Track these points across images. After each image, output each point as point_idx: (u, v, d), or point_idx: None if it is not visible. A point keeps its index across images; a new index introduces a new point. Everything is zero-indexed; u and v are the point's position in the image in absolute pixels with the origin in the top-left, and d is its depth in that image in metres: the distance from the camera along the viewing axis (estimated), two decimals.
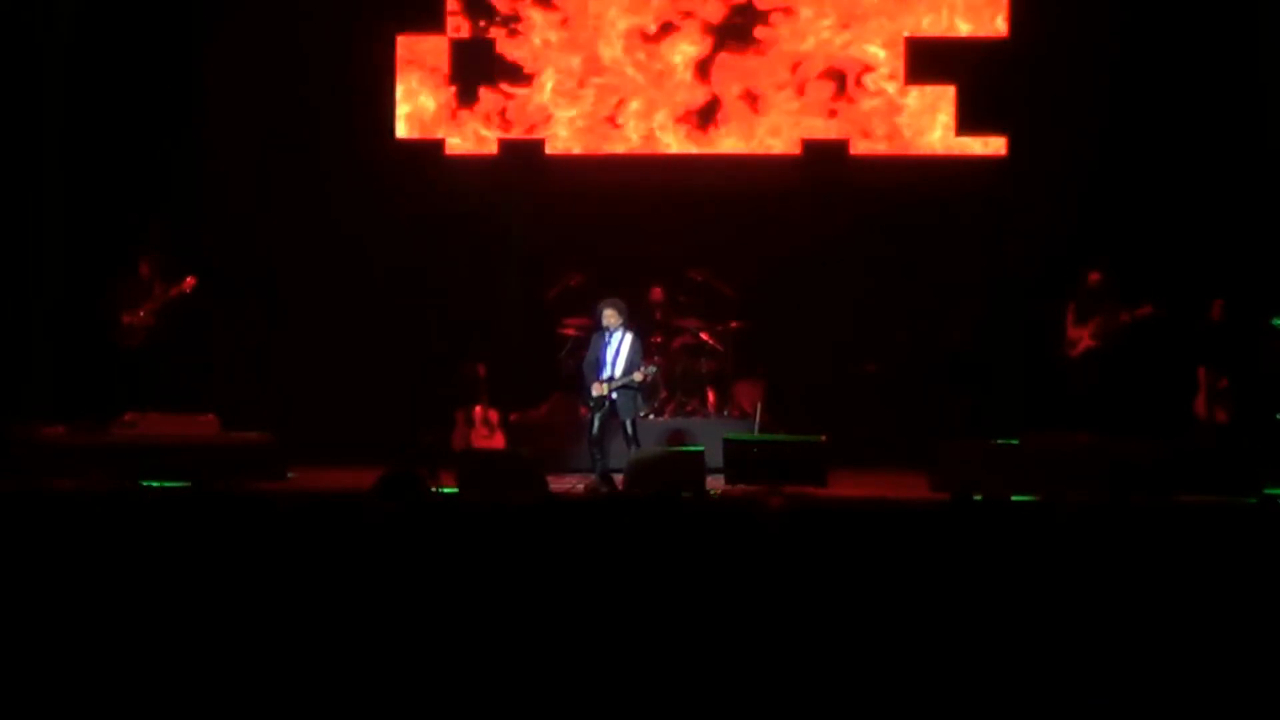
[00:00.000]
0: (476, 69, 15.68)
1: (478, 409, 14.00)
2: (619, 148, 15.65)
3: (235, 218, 15.41)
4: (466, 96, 15.73)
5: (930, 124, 15.35)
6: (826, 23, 15.49)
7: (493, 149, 15.75)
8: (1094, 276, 13.69)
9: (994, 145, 15.30)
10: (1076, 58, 14.98)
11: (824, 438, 13.07)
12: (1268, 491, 11.95)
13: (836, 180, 15.38)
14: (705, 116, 15.58)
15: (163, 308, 13.98)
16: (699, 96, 15.58)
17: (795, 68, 15.52)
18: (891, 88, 15.42)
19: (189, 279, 13.94)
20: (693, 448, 13.16)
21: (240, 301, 15.20)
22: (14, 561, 6.69)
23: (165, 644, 5.88)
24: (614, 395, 12.66)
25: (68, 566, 6.55)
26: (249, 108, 15.54)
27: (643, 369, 12.74)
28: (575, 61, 15.66)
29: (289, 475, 13.21)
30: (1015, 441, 13.09)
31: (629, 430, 12.81)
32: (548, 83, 15.67)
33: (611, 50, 15.64)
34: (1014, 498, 8.01)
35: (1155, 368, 13.89)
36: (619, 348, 12.73)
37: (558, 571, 6.28)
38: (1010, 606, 6.07)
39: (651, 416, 14.38)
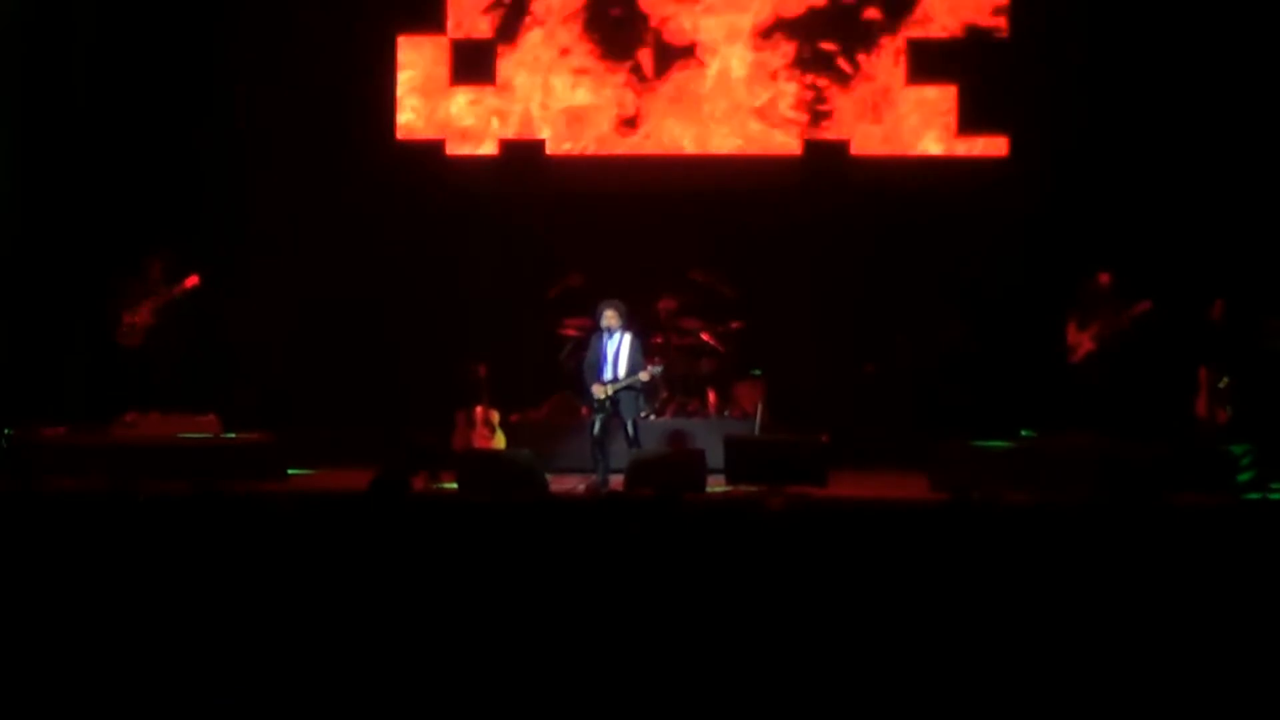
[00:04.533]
0: (477, 69, 15.69)
1: (478, 409, 13.98)
2: (619, 148, 15.65)
3: (235, 218, 15.41)
4: (467, 97, 15.75)
5: (931, 124, 15.36)
6: (828, 21, 15.50)
7: (493, 149, 15.76)
8: (1103, 278, 13.66)
9: (995, 145, 15.31)
10: (1078, 57, 14.98)
11: (825, 437, 13.09)
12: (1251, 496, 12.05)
13: (837, 180, 15.39)
14: (706, 115, 15.59)
15: (164, 306, 13.99)
16: (699, 95, 15.58)
17: (796, 66, 15.52)
18: (892, 87, 15.43)
19: (191, 277, 13.95)
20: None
21: (241, 302, 15.20)
22: (14, 562, 6.71)
23: (167, 645, 5.89)
24: (616, 395, 12.69)
25: (68, 567, 6.56)
26: (248, 109, 15.55)
27: (649, 368, 12.78)
28: (576, 61, 15.67)
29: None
30: (1013, 443, 13.10)
31: (630, 430, 12.84)
32: (548, 82, 15.68)
33: (612, 49, 15.65)
34: (1013, 498, 8.03)
35: (1155, 368, 13.88)
36: (619, 348, 12.76)
37: (558, 572, 6.29)
38: (1010, 607, 6.07)
39: (652, 417, 14.39)
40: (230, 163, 15.46)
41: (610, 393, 12.68)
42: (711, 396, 15.10)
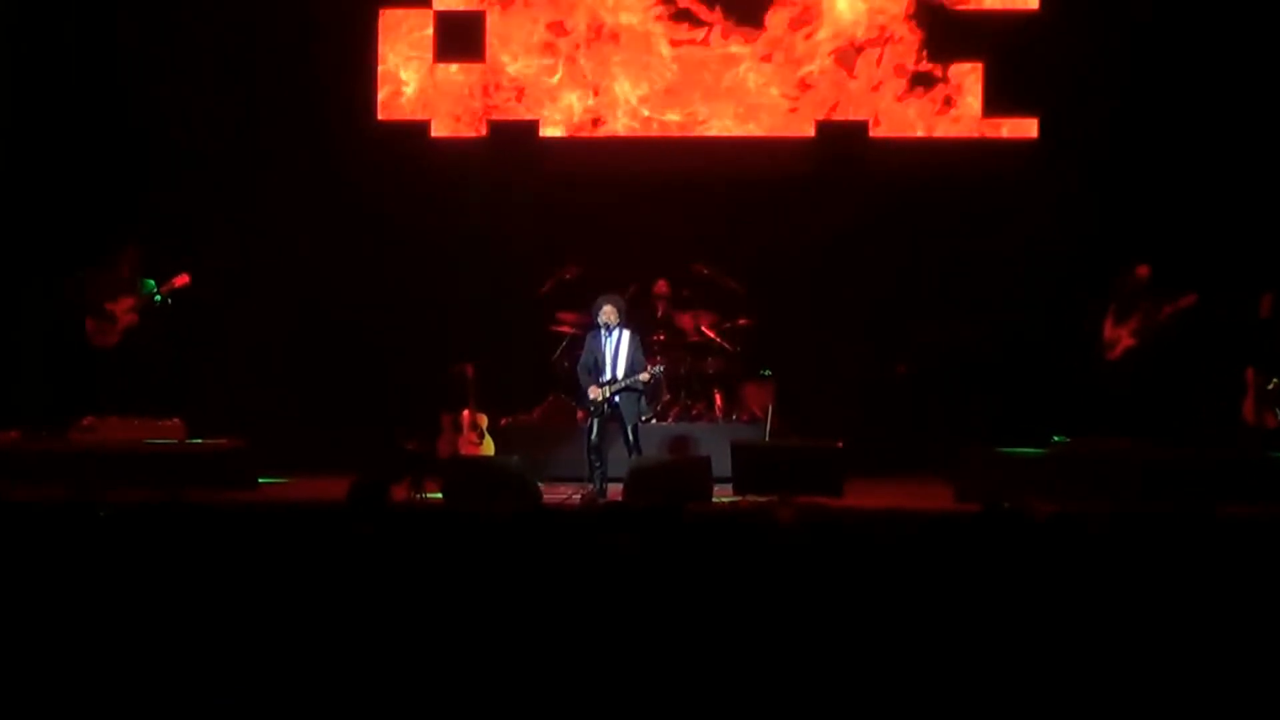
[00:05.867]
0: (465, 44, 15.67)
1: (466, 413, 14.01)
2: (618, 129, 15.63)
3: (206, 208, 15.38)
4: (454, 74, 15.72)
5: (956, 104, 15.34)
6: None
7: (482, 131, 15.75)
8: (1142, 271, 13.65)
9: (1024, 127, 15.30)
10: (1112, 32, 14.98)
11: (840, 443, 13.06)
12: None
13: (855, 165, 15.39)
14: (713, 94, 15.56)
15: (147, 306, 13.93)
16: (706, 72, 15.56)
17: (811, 41, 15.51)
18: (915, 65, 15.41)
19: (181, 276, 13.89)
20: None
21: (210, 299, 15.17)
22: None
23: (126, 668, 5.87)
24: (615, 398, 12.68)
25: (20, 582, 6.54)
26: (221, 87, 15.51)
27: (649, 368, 12.77)
28: (572, 37, 15.65)
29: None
30: (1045, 449, 13.08)
31: (629, 436, 12.82)
32: (542, 59, 15.66)
33: (612, 23, 15.63)
34: (1045, 509, 8.00)
35: (1200, 369, 13.87)
36: (618, 347, 12.75)
37: (551, 589, 6.26)
38: (1043, 627, 6.05)
39: (654, 421, 14.38)
40: (199, 148, 15.41)
41: (608, 394, 12.67)
42: (718, 399, 15.12)
